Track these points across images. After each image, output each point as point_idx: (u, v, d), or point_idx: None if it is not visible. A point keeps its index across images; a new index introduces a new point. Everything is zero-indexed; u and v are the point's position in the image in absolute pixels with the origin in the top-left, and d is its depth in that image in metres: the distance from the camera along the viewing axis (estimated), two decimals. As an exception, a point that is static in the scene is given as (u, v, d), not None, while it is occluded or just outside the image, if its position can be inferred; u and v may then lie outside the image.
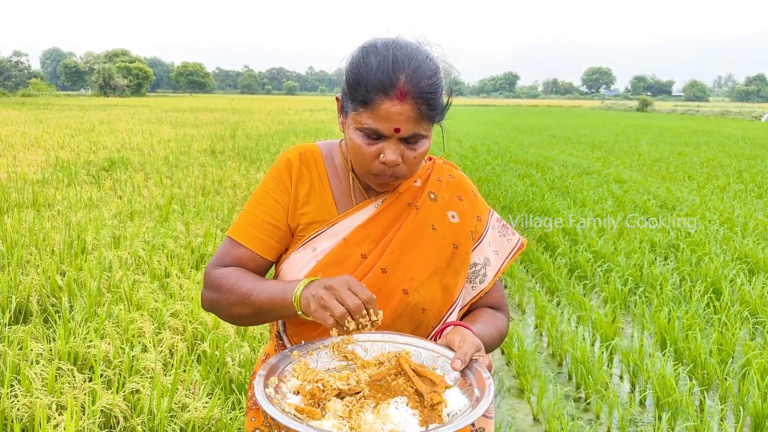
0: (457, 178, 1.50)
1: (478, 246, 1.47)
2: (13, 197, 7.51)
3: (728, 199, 9.37)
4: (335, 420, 1.07)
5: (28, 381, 2.87)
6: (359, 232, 1.36)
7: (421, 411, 1.10)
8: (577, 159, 14.85)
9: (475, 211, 1.48)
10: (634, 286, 5.39)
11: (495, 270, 1.48)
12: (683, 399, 3.47)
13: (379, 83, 1.22)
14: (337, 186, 1.42)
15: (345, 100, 1.30)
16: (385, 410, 1.09)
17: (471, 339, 1.24)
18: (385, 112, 1.22)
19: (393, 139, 1.26)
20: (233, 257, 1.38)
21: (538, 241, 6.98)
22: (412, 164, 1.30)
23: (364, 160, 1.29)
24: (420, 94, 1.23)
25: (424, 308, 1.36)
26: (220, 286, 1.33)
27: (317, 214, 1.38)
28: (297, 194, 1.39)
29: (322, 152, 1.44)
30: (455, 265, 1.41)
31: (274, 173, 1.41)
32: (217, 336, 3.52)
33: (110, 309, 3.89)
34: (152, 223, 6.36)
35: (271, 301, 1.27)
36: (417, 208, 1.40)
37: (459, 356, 1.20)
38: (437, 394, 1.11)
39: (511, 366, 4.13)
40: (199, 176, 9.88)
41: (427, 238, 1.39)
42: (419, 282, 1.35)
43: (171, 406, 2.80)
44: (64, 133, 17.18)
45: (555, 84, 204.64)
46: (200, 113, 32.64)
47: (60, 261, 4.88)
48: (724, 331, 4.27)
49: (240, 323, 1.37)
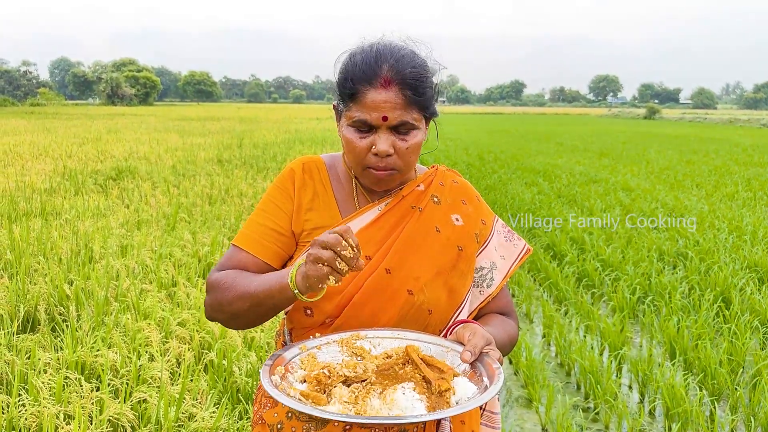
0: (460, 184, 1.51)
1: (485, 250, 1.47)
2: (21, 206, 7.55)
3: (737, 207, 9.31)
4: (341, 405, 1.06)
5: (35, 390, 2.87)
6: (363, 234, 1.36)
7: (428, 397, 1.08)
8: (584, 167, 14.81)
9: (480, 215, 1.49)
10: (642, 295, 5.35)
11: (502, 274, 1.48)
12: (693, 409, 3.44)
13: (363, 74, 1.27)
14: (340, 192, 1.43)
15: (338, 103, 1.35)
16: (392, 395, 1.07)
17: (481, 332, 1.23)
18: (371, 101, 1.26)
19: (383, 129, 1.28)
20: (234, 261, 1.37)
21: (545, 249, 6.95)
22: (405, 156, 1.31)
23: (357, 154, 1.30)
24: (404, 80, 1.26)
25: (430, 309, 1.35)
26: (219, 285, 1.32)
27: (321, 220, 1.39)
28: (300, 201, 1.40)
29: (325, 162, 1.46)
30: (461, 267, 1.40)
31: (277, 183, 1.44)
32: (224, 345, 3.52)
33: (117, 318, 3.89)
34: (159, 232, 6.37)
35: (268, 289, 1.24)
36: (420, 210, 1.41)
37: (469, 348, 1.19)
38: (445, 381, 1.10)
39: (519, 376, 4.10)
40: (206, 185, 9.90)
41: (430, 239, 1.39)
42: (424, 282, 1.35)
43: (178, 415, 2.80)
44: (71, 143, 17.28)
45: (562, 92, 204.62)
46: (207, 122, 32.77)
47: (67, 270, 4.89)
48: (734, 341, 4.23)
49: (240, 322, 1.34)
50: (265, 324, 3.98)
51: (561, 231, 7.45)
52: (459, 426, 1.39)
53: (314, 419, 1.33)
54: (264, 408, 1.41)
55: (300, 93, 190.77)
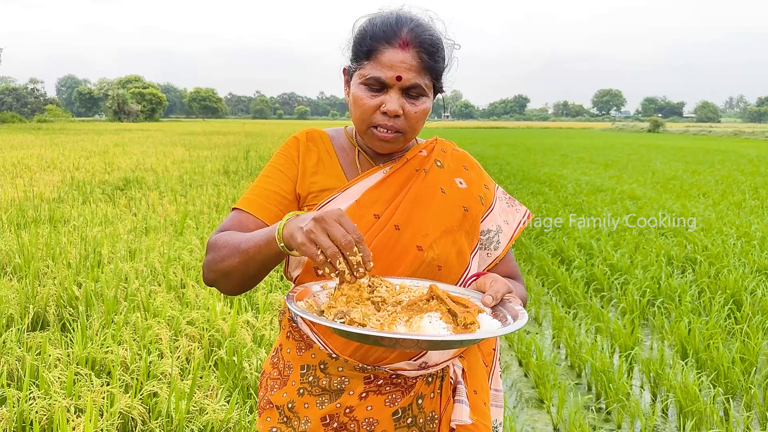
0: (461, 152, 1.54)
1: (490, 214, 1.48)
2: (30, 214, 7.57)
3: (745, 214, 9.28)
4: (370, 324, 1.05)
5: (46, 384, 2.87)
6: (370, 194, 1.36)
7: (454, 328, 1.07)
8: (590, 177, 14.80)
9: (482, 180, 1.52)
10: (652, 297, 5.32)
11: (507, 238, 1.50)
12: (707, 407, 3.40)
13: (382, 33, 1.29)
14: (344, 159, 1.44)
15: (350, 64, 1.36)
16: (418, 323, 1.07)
17: (503, 280, 1.24)
18: (388, 59, 1.28)
19: (395, 89, 1.29)
20: (235, 222, 1.35)
21: (553, 255, 6.93)
22: (412, 120, 1.33)
23: (365, 112, 1.31)
24: (422, 44, 1.29)
25: (440, 265, 1.35)
26: (216, 244, 1.29)
27: (327, 182, 1.39)
28: (305, 165, 1.41)
29: (328, 133, 1.49)
30: (466, 227, 1.41)
31: (281, 151, 1.45)
32: (234, 342, 3.51)
33: (127, 317, 3.89)
34: (167, 237, 6.38)
35: (257, 243, 1.19)
36: (425, 171, 1.42)
37: (491, 293, 1.19)
38: (471, 314, 1.09)
39: (529, 377, 4.08)
40: (213, 194, 9.93)
41: (437, 199, 1.40)
42: (433, 239, 1.35)
43: (189, 408, 2.78)
44: (79, 155, 17.38)
45: (565, 106, 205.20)
46: (213, 136, 32.94)
47: (76, 273, 4.90)
48: (746, 341, 4.19)
49: (234, 281, 1.28)
50: (274, 323, 3.97)
51: (568, 237, 7.43)
52: (472, 395, 1.39)
53: (327, 392, 1.32)
54: (271, 391, 1.39)
55: (304, 109, 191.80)
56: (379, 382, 1.31)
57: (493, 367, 1.51)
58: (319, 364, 1.34)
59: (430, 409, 1.34)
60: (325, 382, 1.32)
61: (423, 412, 1.33)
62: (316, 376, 1.33)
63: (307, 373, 1.34)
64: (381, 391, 1.31)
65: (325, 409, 1.31)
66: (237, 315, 3.95)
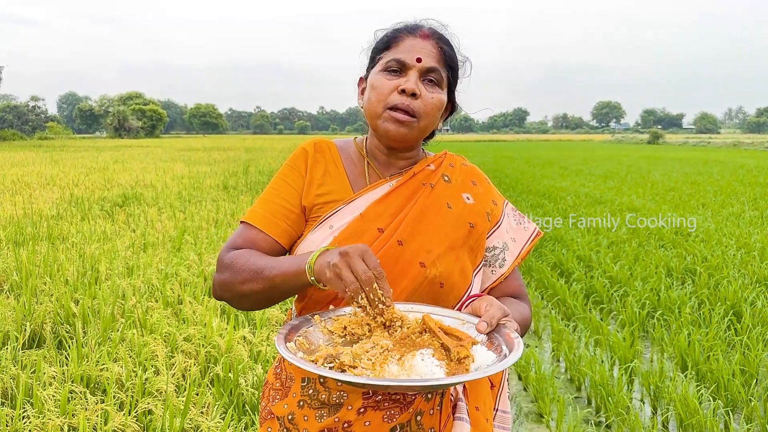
0: (470, 167, 1.53)
1: (497, 230, 1.47)
2: (28, 231, 7.57)
3: (744, 225, 9.27)
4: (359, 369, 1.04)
5: (40, 402, 2.85)
6: (375, 207, 1.36)
7: (447, 364, 1.06)
8: (589, 189, 14.81)
9: (490, 195, 1.50)
10: (651, 309, 5.30)
11: (514, 255, 1.47)
12: (707, 420, 3.37)
13: (404, 26, 1.38)
14: (351, 170, 1.44)
15: (369, 65, 1.41)
16: (410, 361, 1.05)
17: (498, 304, 1.21)
18: (410, 45, 1.34)
19: (414, 71, 1.33)
20: (246, 239, 1.37)
21: (552, 267, 6.91)
22: (428, 105, 1.34)
23: (382, 93, 1.34)
24: (441, 38, 1.37)
25: (442, 283, 1.34)
26: (233, 264, 1.30)
27: (333, 194, 1.40)
28: (312, 177, 1.42)
29: (336, 144, 1.49)
30: (471, 243, 1.40)
31: (289, 162, 1.46)
32: (231, 359, 3.49)
33: (123, 333, 3.87)
34: (165, 253, 6.37)
35: (284, 274, 1.22)
36: (432, 186, 1.41)
37: (485, 319, 1.17)
38: (464, 348, 1.07)
39: (528, 391, 4.05)
40: (212, 210, 9.93)
41: (442, 215, 1.39)
42: (436, 255, 1.34)
43: (184, 425, 2.76)
44: (78, 172, 17.41)
45: (565, 119, 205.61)
46: (213, 152, 33.01)
47: (73, 290, 4.89)
48: (746, 353, 4.17)
49: (251, 302, 1.31)
50: (271, 339, 3.95)
51: (567, 249, 7.42)
52: (474, 412, 1.36)
53: (326, 405, 1.31)
54: (272, 401, 1.39)
55: (305, 124, 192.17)
56: (377, 398, 1.30)
57: (501, 387, 1.48)
58: (318, 377, 1.33)
59: (429, 426, 1.32)
60: (325, 396, 1.31)
61: (422, 428, 1.31)
62: (315, 389, 1.33)
63: (308, 386, 1.34)
64: (379, 407, 1.30)
65: (324, 423, 1.30)
66: (234, 330, 3.93)
